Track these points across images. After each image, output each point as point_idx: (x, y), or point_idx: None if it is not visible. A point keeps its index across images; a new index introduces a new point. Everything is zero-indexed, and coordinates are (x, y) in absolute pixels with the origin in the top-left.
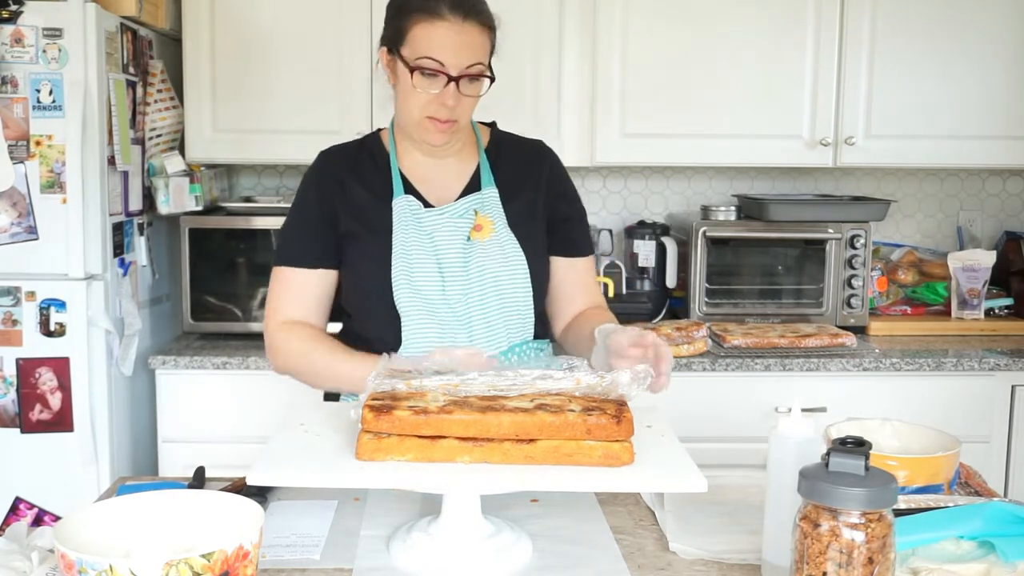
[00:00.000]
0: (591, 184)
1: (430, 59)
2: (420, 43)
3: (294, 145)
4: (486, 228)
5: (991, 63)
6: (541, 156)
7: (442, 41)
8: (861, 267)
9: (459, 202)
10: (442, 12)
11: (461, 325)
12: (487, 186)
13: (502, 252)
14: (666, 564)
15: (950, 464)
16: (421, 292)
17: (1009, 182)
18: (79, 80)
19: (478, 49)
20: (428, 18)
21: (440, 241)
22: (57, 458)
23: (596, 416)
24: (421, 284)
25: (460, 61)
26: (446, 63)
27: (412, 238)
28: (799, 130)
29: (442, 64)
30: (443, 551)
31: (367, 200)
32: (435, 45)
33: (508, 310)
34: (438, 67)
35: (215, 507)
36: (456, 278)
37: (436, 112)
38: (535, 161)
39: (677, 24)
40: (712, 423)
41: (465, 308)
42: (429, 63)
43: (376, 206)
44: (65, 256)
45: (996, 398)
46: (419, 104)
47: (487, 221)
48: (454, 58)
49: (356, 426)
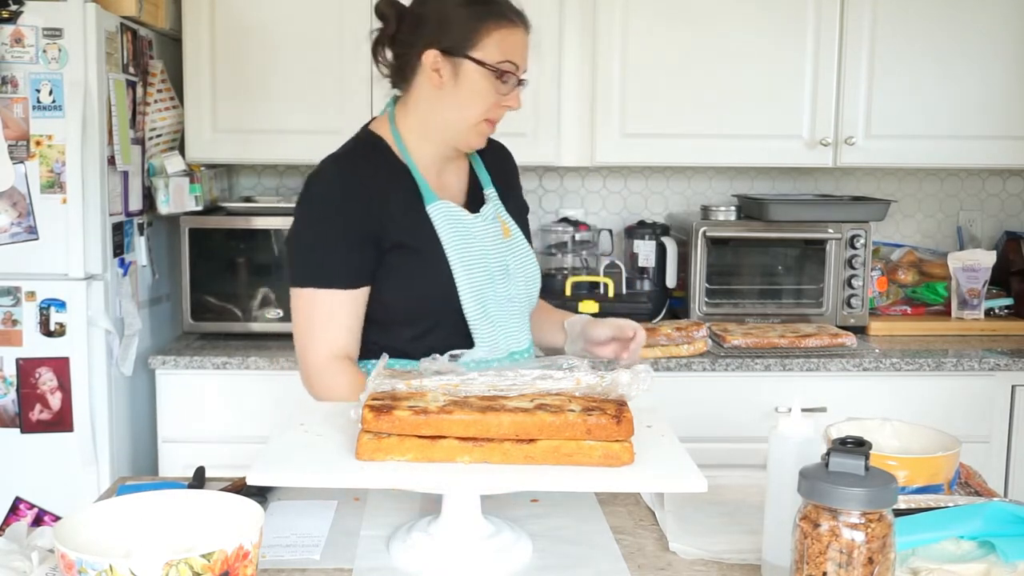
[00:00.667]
0: (591, 184)
1: (511, 63)
2: (504, 47)
3: (294, 145)
4: (505, 227)
5: (991, 63)
6: (508, 155)
7: (519, 46)
8: (861, 267)
9: (487, 207)
10: (516, 21)
11: (512, 323)
12: (488, 186)
13: (523, 253)
14: (666, 564)
15: (950, 464)
16: (483, 296)
17: (1009, 182)
18: (79, 80)
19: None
20: (509, 25)
21: (486, 245)
22: (57, 458)
23: (596, 416)
24: (481, 288)
25: (525, 66)
26: (521, 67)
27: (463, 244)
28: (799, 130)
29: (518, 68)
30: (443, 551)
31: (405, 209)
32: (515, 50)
33: (526, 301)
34: (514, 70)
35: (215, 507)
36: (503, 279)
37: (497, 115)
38: (505, 159)
39: (677, 24)
40: (712, 423)
41: (511, 307)
42: (510, 67)
43: (414, 214)
44: (65, 256)
45: (996, 398)
46: (486, 107)
47: (503, 221)
48: (524, 63)
49: (356, 426)
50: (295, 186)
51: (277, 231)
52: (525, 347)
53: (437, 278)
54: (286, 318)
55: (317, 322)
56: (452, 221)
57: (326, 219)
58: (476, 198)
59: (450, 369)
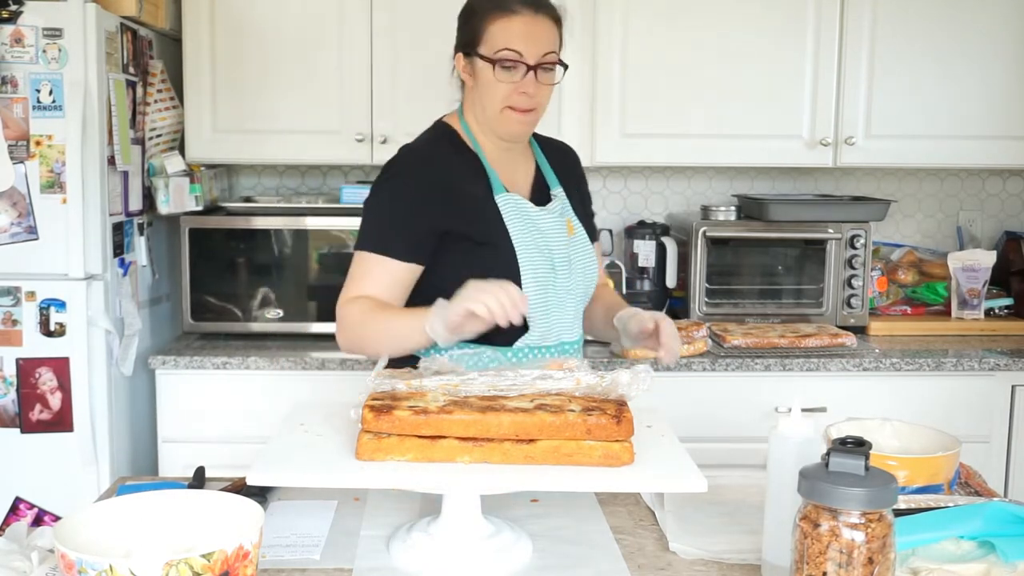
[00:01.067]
0: (591, 184)
1: (509, 50)
2: (498, 38)
3: (294, 145)
4: (570, 226)
5: (991, 63)
6: (575, 159)
7: (518, 33)
8: (861, 267)
9: (554, 203)
10: (515, 8)
11: (567, 315)
12: (555, 186)
13: (585, 251)
14: (666, 564)
15: (950, 464)
16: (544, 285)
17: (1009, 182)
18: (79, 80)
19: (550, 39)
20: (503, 14)
21: (551, 238)
22: (57, 458)
23: (596, 416)
24: (543, 278)
25: (536, 50)
26: (524, 53)
27: (528, 235)
28: (799, 130)
29: (520, 54)
30: (443, 551)
31: (475, 200)
32: (512, 37)
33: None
34: (517, 57)
35: (215, 507)
36: (563, 270)
37: (517, 101)
38: (572, 164)
39: (677, 24)
40: (712, 423)
41: (569, 299)
42: (509, 54)
43: (484, 204)
44: (65, 256)
45: (996, 398)
46: (501, 95)
47: (569, 221)
48: (531, 48)
49: (356, 426)
50: (295, 186)
51: (277, 231)
52: (576, 339)
53: (502, 265)
54: (286, 318)
55: (353, 276)
56: (519, 213)
57: (393, 195)
58: (543, 195)
59: (450, 369)
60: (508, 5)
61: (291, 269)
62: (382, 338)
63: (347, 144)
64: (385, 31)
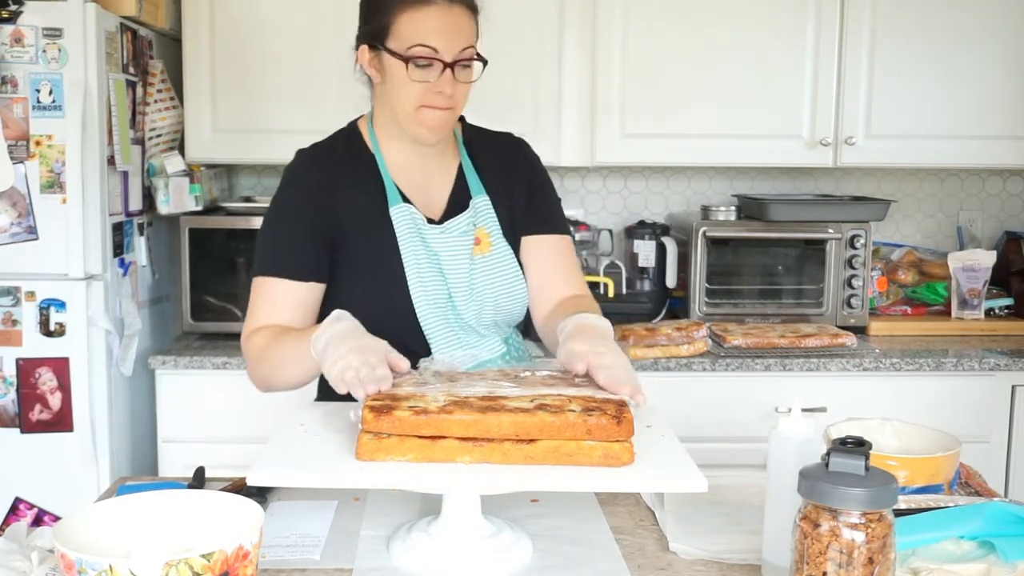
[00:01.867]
0: (591, 184)
1: (423, 46)
2: (409, 32)
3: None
4: (484, 242)
5: (991, 63)
6: (515, 151)
7: (433, 26)
8: (861, 267)
9: (460, 218)
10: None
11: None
12: (478, 194)
13: (502, 267)
14: (666, 564)
15: (950, 464)
16: (443, 312)
17: (1009, 182)
18: (79, 80)
19: (468, 33)
20: (414, 5)
21: (446, 260)
22: (57, 458)
23: (596, 416)
24: (439, 304)
25: (453, 46)
26: (440, 49)
27: (421, 255)
28: (799, 130)
29: (435, 50)
30: (443, 551)
31: (366, 209)
32: (426, 31)
33: (503, 321)
34: (432, 54)
35: (215, 507)
36: (462, 296)
37: (433, 100)
38: (512, 158)
39: (677, 24)
40: (712, 423)
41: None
42: (423, 51)
43: (375, 216)
44: (65, 256)
45: (996, 398)
46: (414, 95)
47: (485, 234)
48: (447, 43)
49: (356, 426)
50: None
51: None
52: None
53: (393, 284)
54: None
55: (255, 306)
56: (411, 229)
57: (282, 208)
58: (460, 205)
59: (449, 368)
60: None
61: None
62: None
63: None
64: None
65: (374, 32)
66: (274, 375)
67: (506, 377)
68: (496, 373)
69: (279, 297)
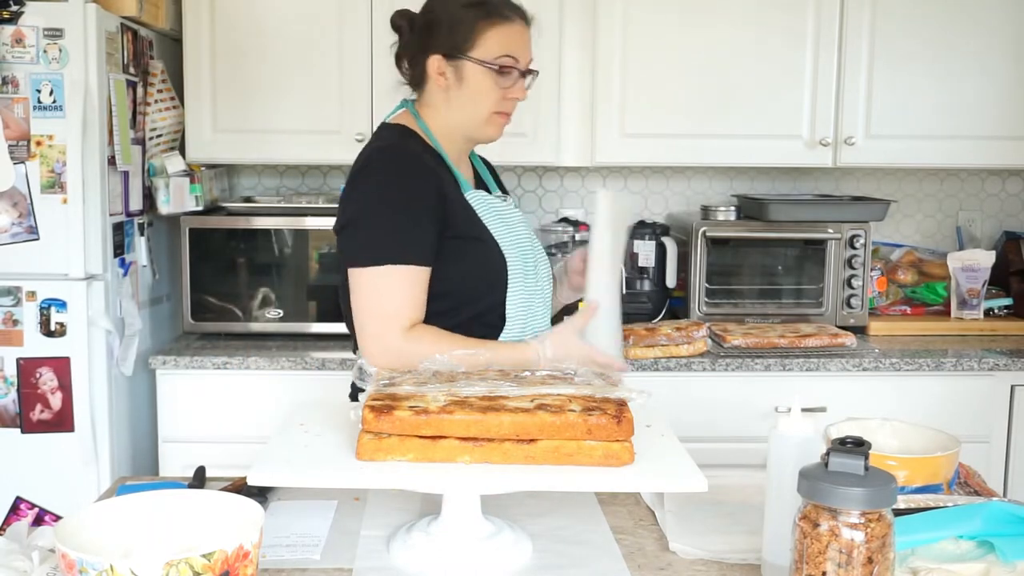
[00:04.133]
0: (591, 184)
1: (509, 57)
2: (496, 44)
3: (294, 145)
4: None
5: (991, 63)
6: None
7: (515, 40)
8: (861, 267)
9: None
10: (511, 16)
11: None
12: (494, 189)
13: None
14: (666, 564)
15: (950, 464)
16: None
17: (1009, 182)
18: (79, 80)
19: (530, 47)
20: (502, 21)
21: (522, 235)
22: (57, 458)
23: (596, 416)
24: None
25: (526, 58)
26: (520, 59)
27: (507, 230)
28: (799, 130)
29: (517, 60)
30: (443, 551)
31: (454, 198)
32: (511, 44)
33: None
34: (514, 64)
35: (215, 507)
36: (542, 268)
37: (507, 107)
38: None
39: (677, 24)
40: (712, 423)
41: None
42: (509, 61)
43: (463, 202)
44: (65, 256)
45: (996, 398)
46: (493, 101)
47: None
48: (524, 55)
49: (356, 426)
50: (295, 186)
51: (277, 231)
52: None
53: (490, 261)
54: (286, 318)
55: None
56: (491, 209)
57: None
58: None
59: (449, 368)
60: (506, 12)
61: (291, 269)
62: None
63: (347, 144)
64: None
65: (456, 44)
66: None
67: (506, 377)
68: (496, 373)
69: (413, 284)
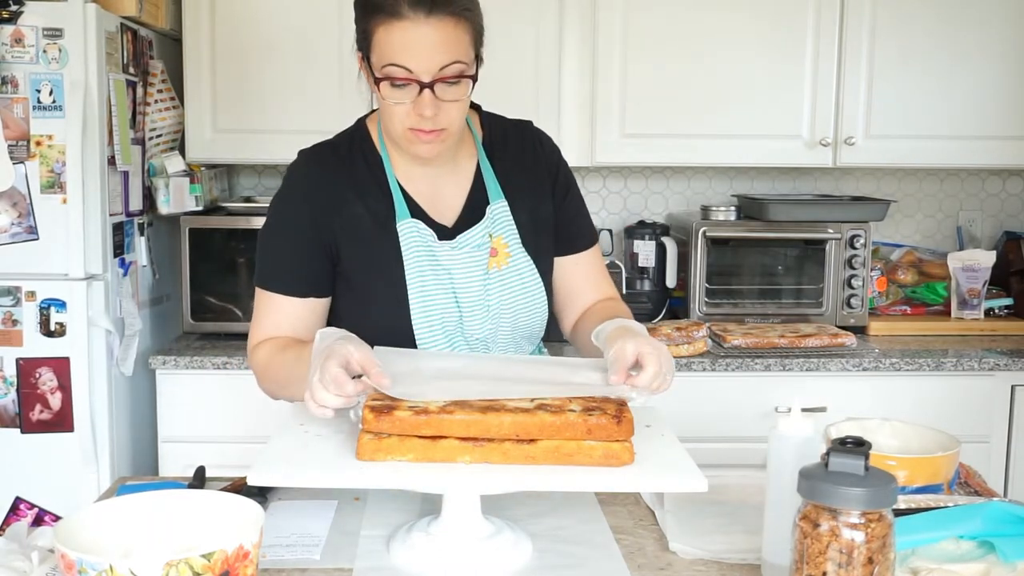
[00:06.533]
0: (591, 184)
1: (396, 66)
2: (383, 48)
3: (294, 145)
4: (501, 253)
5: (990, 63)
6: (537, 146)
7: (406, 44)
8: (861, 267)
9: (474, 230)
10: (401, 10)
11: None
12: (496, 199)
13: (520, 280)
14: (666, 564)
15: (950, 464)
16: (444, 329)
17: (1009, 182)
18: (79, 80)
19: (453, 46)
20: (386, 19)
21: (458, 278)
22: (57, 458)
23: (596, 416)
24: (442, 321)
25: (432, 64)
26: (415, 69)
27: (428, 274)
28: (799, 130)
29: (410, 71)
30: (443, 551)
31: (369, 224)
32: (399, 49)
33: (522, 336)
34: (407, 75)
35: (215, 507)
36: (476, 314)
37: (417, 123)
38: (534, 156)
39: (677, 24)
40: (712, 423)
41: (482, 340)
42: (396, 71)
43: (379, 229)
44: (65, 256)
45: (996, 398)
46: (397, 116)
47: (502, 245)
48: (424, 62)
49: (356, 426)
50: None
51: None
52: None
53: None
54: None
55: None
56: (419, 246)
57: (281, 216)
58: (476, 212)
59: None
60: (394, 6)
61: None
62: (290, 385)
63: None
64: None
65: (360, 39)
66: (279, 392)
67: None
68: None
69: (278, 311)
